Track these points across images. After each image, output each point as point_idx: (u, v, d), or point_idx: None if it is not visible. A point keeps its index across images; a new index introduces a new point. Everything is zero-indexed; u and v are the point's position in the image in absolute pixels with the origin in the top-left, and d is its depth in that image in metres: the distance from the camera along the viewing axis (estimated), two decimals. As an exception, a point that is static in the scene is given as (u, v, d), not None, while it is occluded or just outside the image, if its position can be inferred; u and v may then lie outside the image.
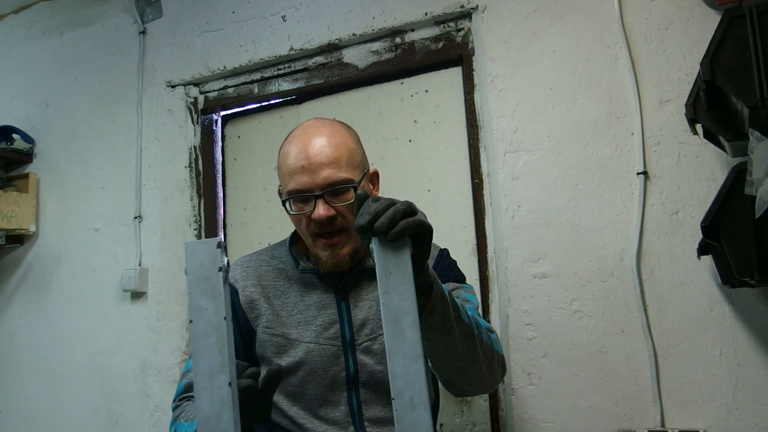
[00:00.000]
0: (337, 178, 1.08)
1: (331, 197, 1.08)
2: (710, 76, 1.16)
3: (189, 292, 0.77)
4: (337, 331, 1.13)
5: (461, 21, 1.76)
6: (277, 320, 1.14)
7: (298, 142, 1.11)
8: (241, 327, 1.16)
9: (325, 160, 1.08)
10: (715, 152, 1.40)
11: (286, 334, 1.13)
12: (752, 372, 1.35)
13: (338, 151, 1.09)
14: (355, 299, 1.17)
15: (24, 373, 2.30)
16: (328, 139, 1.10)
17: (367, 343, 1.14)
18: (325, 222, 1.08)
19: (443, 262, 1.26)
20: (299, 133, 1.14)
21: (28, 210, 2.28)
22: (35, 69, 2.43)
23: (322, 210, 1.07)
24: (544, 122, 1.59)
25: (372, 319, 1.15)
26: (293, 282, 1.18)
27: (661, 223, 1.45)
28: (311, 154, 1.08)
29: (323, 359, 1.12)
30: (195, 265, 0.77)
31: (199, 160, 2.13)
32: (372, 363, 1.13)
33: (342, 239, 1.12)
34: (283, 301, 1.16)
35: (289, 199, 1.10)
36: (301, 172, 1.08)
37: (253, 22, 2.02)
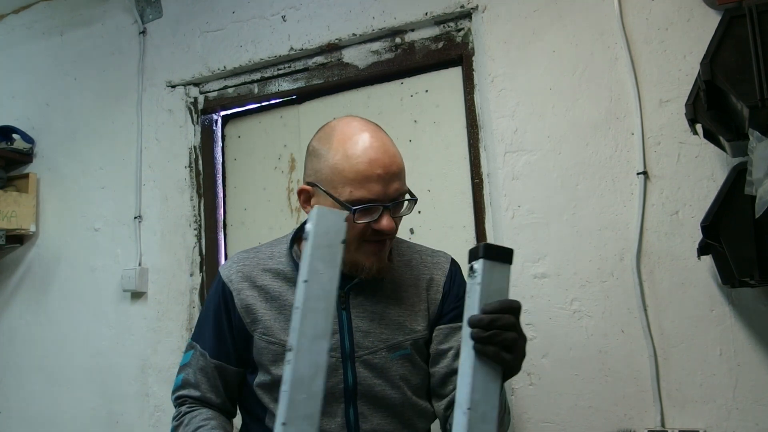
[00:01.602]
0: (403, 191, 1.07)
1: (394, 209, 1.06)
2: (710, 76, 1.16)
3: (309, 254, 0.77)
4: (337, 342, 1.10)
5: (461, 21, 1.76)
6: (275, 326, 1.11)
7: (362, 145, 1.03)
8: (234, 331, 1.14)
9: (397, 171, 1.05)
10: (715, 152, 1.40)
11: (283, 341, 1.09)
12: (752, 372, 1.35)
13: (402, 162, 1.08)
14: (357, 309, 1.12)
15: (24, 373, 2.29)
16: (393, 147, 1.07)
17: (368, 356, 1.10)
18: (389, 234, 1.06)
19: (456, 286, 1.20)
20: (355, 133, 1.05)
21: (28, 210, 2.28)
22: (35, 69, 2.43)
23: (389, 222, 1.04)
24: (544, 122, 1.59)
25: (374, 332, 1.11)
26: (292, 285, 1.13)
27: (661, 223, 1.45)
28: (386, 162, 1.03)
29: None
30: (320, 231, 0.78)
31: (199, 160, 2.13)
32: (371, 376, 1.10)
33: (387, 245, 1.10)
34: (281, 304, 1.12)
35: (357, 210, 1.02)
36: (376, 181, 1.02)
37: (253, 22, 2.02)
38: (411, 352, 1.13)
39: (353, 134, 1.05)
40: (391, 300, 1.14)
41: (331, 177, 1.04)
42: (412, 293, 1.16)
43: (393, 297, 1.14)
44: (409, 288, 1.16)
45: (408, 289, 1.16)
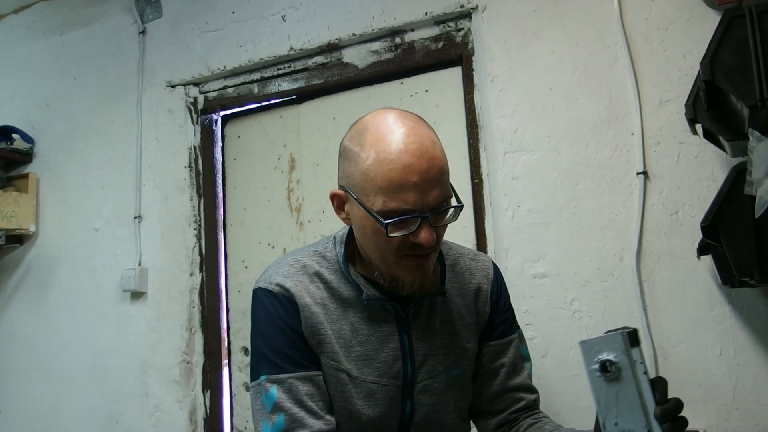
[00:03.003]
0: (445, 198, 0.91)
1: (434, 218, 0.91)
2: (710, 76, 1.16)
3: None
4: (400, 369, 1.00)
5: (461, 21, 1.76)
6: (337, 351, 0.99)
7: (396, 147, 0.88)
8: (307, 342, 1.00)
9: (437, 176, 0.89)
10: (715, 152, 1.40)
11: (347, 369, 0.98)
12: (752, 372, 1.35)
13: (444, 164, 0.92)
14: (417, 331, 1.02)
15: (24, 373, 2.30)
16: (433, 148, 0.90)
17: (427, 381, 1.02)
18: (428, 247, 0.92)
19: (503, 295, 1.12)
20: (389, 132, 0.90)
21: (28, 210, 2.28)
22: (35, 69, 2.43)
23: (428, 234, 0.89)
24: (544, 122, 1.59)
25: (434, 354, 1.02)
26: (348, 306, 1.01)
27: (661, 223, 1.45)
28: (423, 168, 0.87)
29: (386, 402, 0.99)
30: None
31: (199, 160, 2.13)
32: (429, 403, 1.02)
33: (431, 258, 0.96)
34: (340, 327, 1.00)
35: (390, 223, 0.88)
36: (412, 190, 0.87)
37: (253, 22, 2.02)
38: (462, 372, 1.06)
39: (386, 133, 0.90)
40: (444, 315, 1.05)
41: (363, 184, 0.91)
42: (460, 304, 1.07)
43: (444, 311, 1.05)
44: (455, 298, 1.07)
45: (455, 299, 1.07)
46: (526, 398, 1.08)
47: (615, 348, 0.74)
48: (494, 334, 1.10)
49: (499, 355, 1.09)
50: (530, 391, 1.10)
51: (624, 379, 0.74)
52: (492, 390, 1.08)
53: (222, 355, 2.10)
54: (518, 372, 1.10)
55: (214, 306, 2.11)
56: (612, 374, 0.74)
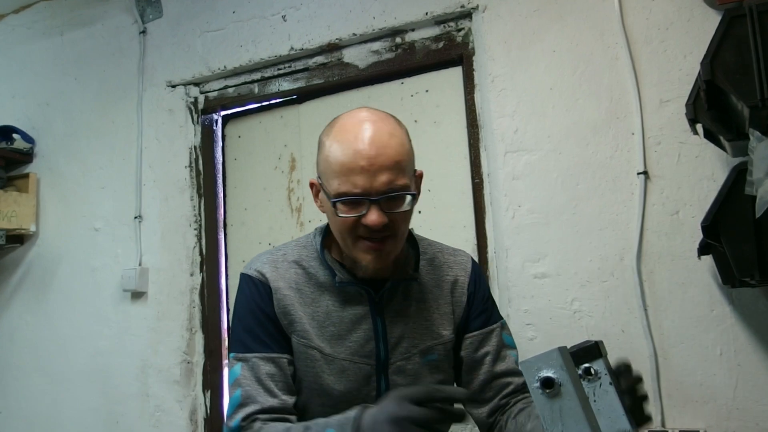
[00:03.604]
0: (396, 185, 0.98)
1: (385, 203, 0.98)
2: (711, 75, 1.16)
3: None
4: (373, 350, 1.06)
5: (461, 21, 1.76)
6: (310, 331, 1.06)
7: (353, 136, 0.97)
8: (279, 325, 1.07)
9: (387, 163, 0.96)
10: (716, 152, 1.40)
11: (320, 347, 1.05)
12: (752, 372, 1.35)
13: (399, 154, 0.99)
14: (391, 315, 1.08)
15: (24, 373, 2.29)
16: (389, 138, 0.98)
17: (401, 362, 1.07)
18: (378, 229, 0.98)
19: (481, 288, 1.17)
20: (353, 125, 1.00)
21: (28, 210, 2.28)
22: (35, 69, 2.43)
23: (377, 217, 0.97)
24: (545, 122, 1.59)
25: (407, 337, 1.08)
26: (325, 290, 1.08)
27: (662, 223, 1.45)
28: (372, 153, 0.95)
29: (357, 380, 1.05)
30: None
31: (200, 159, 2.13)
32: (404, 383, 1.06)
33: (389, 245, 1.02)
34: (314, 309, 1.07)
35: (337, 201, 0.98)
36: (359, 173, 0.95)
37: (254, 21, 2.02)
38: (438, 357, 1.10)
39: (349, 126, 1.00)
40: (419, 302, 1.11)
41: (325, 169, 1.01)
42: (437, 294, 1.13)
43: (420, 299, 1.11)
44: (433, 289, 1.13)
45: (432, 290, 1.13)
46: (514, 382, 1.10)
47: (552, 364, 0.76)
48: (475, 325, 1.14)
49: (482, 344, 1.13)
50: (517, 375, 1.12)
51: (565, 394, 0.75)
52: (480, 379, 1.11)
53: (222, 355, 2.10)
54: (503, 359, 1.13)
55: (215, 306, 2.10)
56: (553, 390, 0.75)
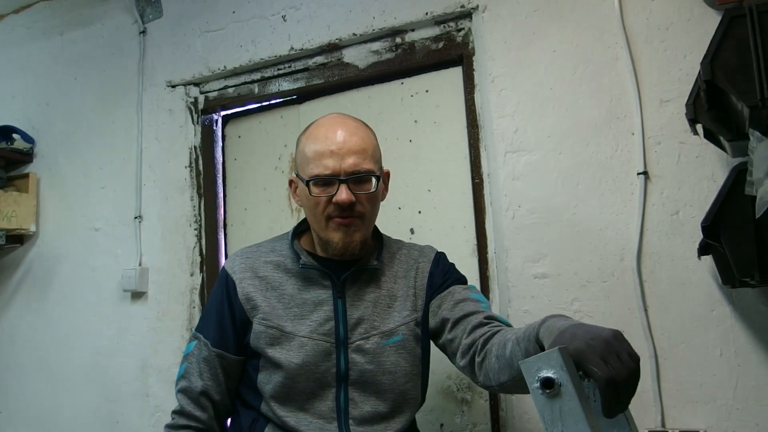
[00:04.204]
0: (362, 167, 1.13)
1: (353, 184, 1.12)
2: (711, 75, 1.16)
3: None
4: (332, 328, 1.15)
5: (461, 21, 1.76)
6: (274, 312, 1.17)
7: (324, 130, 1.15)
8: (236, 319, 1.20)
9: (354, 148, 1.12)
10: (716, 152, 1.40)
11: (281, 326, 1.16)
12: (753, 372, 1.35)
13: (365, 143, 1.15)
14: (353, 298, 1.19)
15: (24, 373, 2.29)
16: (356, 131, 1.15)
17: (360, 341, 1.16)
18: (346, 207, 1.12)
19: (442, 265, 1.28)
20: (325, 122, 1.18)
21: (28, 210, 2.28)
22: (35, 69, 2.43)
23: (345, 194, 1.10)
24: (545, 122, 1.59)
25: (367, 319, 1.17)
26: (291, 275, 1.20)
27: (662, 223, 1.45)
28: (339, 140, 1.12)
29: (316, 354, 1.14)
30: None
31: (200, 159, 2.13)
32: (363, 362, 1.15)
33: (356, 223, 1.15)
34: (280, 293, 1.19)
35: (311, 181, 1.12)
36: (329, 156, 1.11)
37: (254, 22, 2.02)
38: (403, 338, 1.18)
39: (322, 123, 1.18)
40: (384, 290, 1.22)
41: (301, 160, 1.17)
42: (402, 284, 1.23)
43: (385, 287, 1.22)
44: (399, 279, 1.24)
45: (398, 280, 1.24)
46: (473, 320, 1.13)
47: (552, 364, 0.75)
48: (437, 292, 1.23)
49: (443, 302, 1.20)
50: (478, 312, 1.15)
51: (565, 394, 0.75)
52: (456, 328, 1.15)
53: (222, 355, 2.10)
54: (467, 303, 1.18)
55: (215, 306, 2.10)
56: (553, 391, 0.75)
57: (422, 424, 1.71)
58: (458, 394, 1.69)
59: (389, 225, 1.83)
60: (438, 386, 1.71)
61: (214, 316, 1.22)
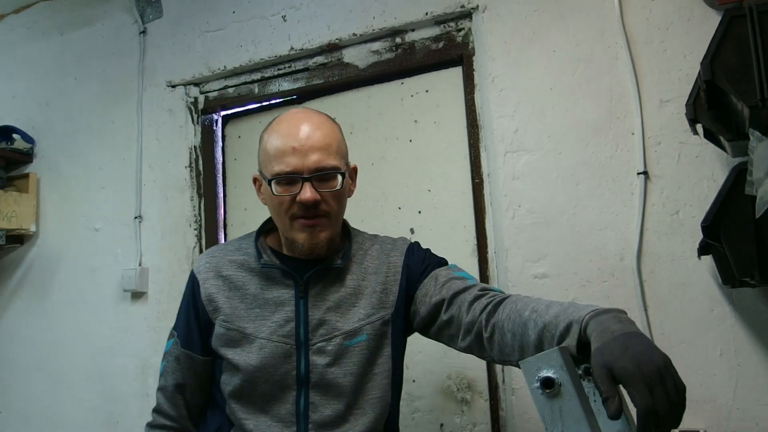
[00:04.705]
0: (326, 164, 1.08)
1: (317, 182, 1.08)
2: (711, 75, 1.16)
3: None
4: (292, 330, 1.12)
5: (461, 21, 1.76)
6: (235, 313, 1.15)
7: (286, 125, 1.11)
8: (200, 320, 1.19)
9: (317, 144, 1.08)
10: (716, 152, 1.40)
11: (242, 328, 1.14)
12: (753, 372, 1.35)
13: (328, 138, 1.10)
14: (315, 298, 1.14)
15: (24, 373, 2.29)
16: (319, 126, 1.10)
17: (321, 343, 1.12)
18: (311, 205, 1.08)
19: (417, 255, 1.22)
20: (287, 117, 1.13)
21: (28, 210, 2.28)
22: (35, 69, 2.43)
23: (309, 193, 1.07)
24: (545, 122, 1.59)
25: (329, 320, 1.13)
26: (254, 275, 1.17)
27: (662, 223, 1.45)
28: (302, 136, 1.08)
29: (275, 357, 1.11)
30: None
31: (200, 160, 2.13)
32: (324, 364, 1.11)
33: (322, 222, 1.11)
34: (243, 293, 1.16)
35: (273, 180, 1.08)
36: (291, 154, 1.07)
37: (254, 22, 2.02)
38: (368, 337, 1.13)
39: (284, 119, 1.13)
40: (349, 289, 1.16)
41: (263, 159, 1.13)
42: (372, 281, 1.18)
43: (352, 286, 1.16)
44: (369, 276, 1.18)
45: (368, 277, 1.18)
46: (467, 296, 1.09)
47: (552, 364, 0.76)
48: (419, 281, 1.17)
49: (428, 286, 1.15)
50: (474, 287, 1.10)
51: (565, 394, 0.75)
52: (451, 307, 1.10)
53: (222, 355, 2.10)
54: (453, 281, 1.13)
55: (215, 306, 2.10)
56: (553, 390, 0.75)
57: (422, 423, 1.71)
58: (458, 394, 1.69)
59: (389, 225, 1.83)
60: (438, 386, 1.71)
61: (183, 316, 1.22)
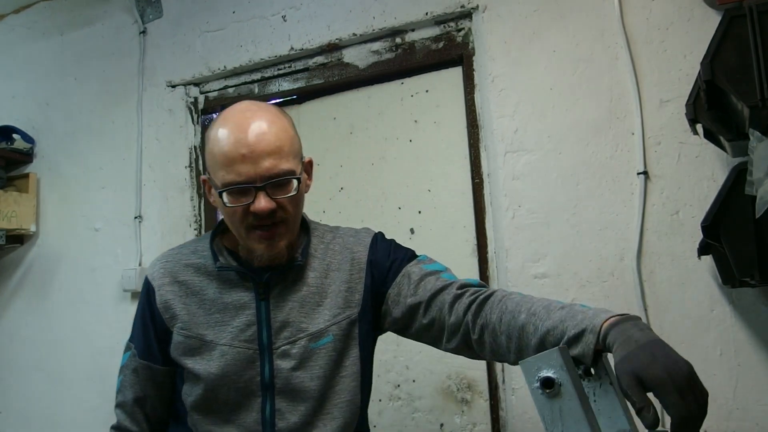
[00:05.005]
0: (280, 170, 0.99)
1: (272, 189, 1.00)
2: (711, 75, 1.16)
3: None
4: (254, 334, 1.06)
5: (461, 21, 1.76)
6: (193, 320, 1.09)
7: (233, 126, 1.00)
8: (157, 329, 1.12)
9: (268, 149, 0.98)
10: (716, 152, 1.40)
11: (201, 335, 1.08)
12: (753, 372, 1.35)
13: (280, 140, 1.00)
14: (277, 299, 1.09)
15: (24, 373, 2.29)
16: (269, 126, 1.00)
17: (286, 346, 1.06)
18: (266, 215, 1.00)
19: (381, 249, 1.15)
20: (234, 116, 1.02)
21: (28, 210, 2.28)
22: (35, 69, 2.43)
23: (264, 203, 0.99)
24: (545, 122, 1.59)
25: (293, 321, 1.07)
26: (212, 279, 1.10)
27: (662, 223, 1.45)
28: (251, 141, 0.98)
29: (237, 363, 1.05)
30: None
31: (200, 159, 2.13)
32: (288, 368, 1.06)
33: (280, 231, 1.04)
34: (201, 298, 1.10)
35: (224, 191, 1.00)
36: (241, 162, 0.97)
37: (254, 22, 2.02)
38: (334, 338, 1.08)
39: (230, 118, 1.02)
40: (313, 287, 1.10)
41: (211, 163, 1.03)
42: (336, 278, 1.12)
43: (315, 285, 1.11)
44: (332, 273, 1.12)
45: (331, 274, 1.12)
46: (445, 287, 1.05)
47: (552, 364, 0.75)
48: (389, 281, 1.11)
49: (401, 285, 1.09)
50: (452, 285, 1.06)
51: (565, 394, 0.75)
52: (430, 311, 1.06)
53: (222, 355, 2.10)
54: (427, 279, 1.08)
55: (215, 306, 2.10)
56: (553, 390, 0.75)
57: (422, 423, 1.71)
58: (458, 394, 1.69)
59: (389, 225, 1.83)
60: (438, 386, 1.71)
61: (139, 326, 1.15)
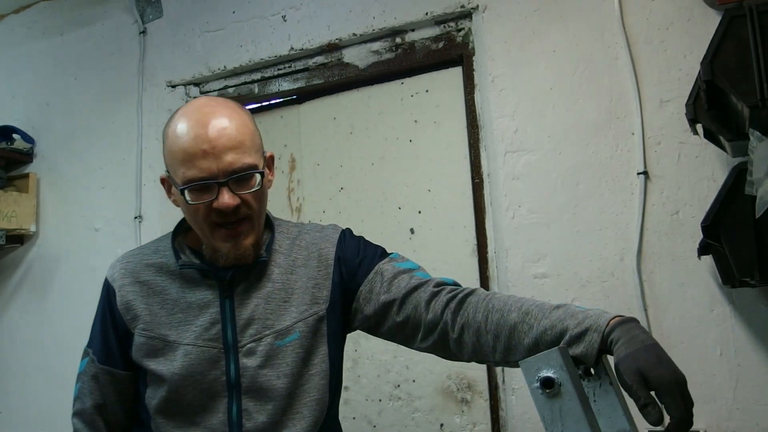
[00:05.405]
0: (242, 164, 0.98)
1: (235, 184, 0.98)
2: (711, 75, 1.16)
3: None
4: (219, 332, 1.04)
5: (461, 21, 1.76)
6: (155, 321, 1.06)
7: (193, 122, 0.98)
8: (118, 331, 1.09)
9: (229, 144, 0.97)
10: (716, 152, 1.40)
11: (164, 336, 1.05)
12: (753, 372, 1.35)
13: (241, 134, 0.99)
14: (241, 297, 1.06)
15: (24, 373, 2.29)
16: (229, 121, 0.99)
17: (251, 344, 1.04)
18: (230, 212, 0.98)
19: (350, 246, 1.13)
20: (192, 112, 1.00)
21: (28, 210, 2.28)
22: (35, 69, 2.43)
23: (228, 199, 0.97)
24: (545, 122, 1.59)
25: (258, 318, 1.05)
26: (174, 278, 1.08)
27: (662, 223, 1.45)
28: (212, 136, 0.96)
29: (201, 363, 1.03)
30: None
31: (200, 160, 2.13)
32: (254, 366, 1.03)
33: (245, 228, 1.02)
34: (163, 298, 1.07)
35: (186, 188, 0.98)
36: (202, 157, 0.96)
37: (254, 22, 2.02)
38: (301, 336, 1.05)
39: (189, 114, 1.01)
40: (278, 283, 1.08)
41: (170, 161, 1.02)
42: (302, 274, 1.09)
43: (281, 281, 1.08)
44: (298, 269, 1.10)
45: (297, 270, 1.10)
46: (420, 285, 1.04)
47: (552, 364, 0.76)
48: (359, 278, 1.09)
49: (374, 283, 1.07)
50: (427, 283, 1.04)
51: (565, 394, 0.75)
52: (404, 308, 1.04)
53: (222, 355, 2.10)
54: (401, 278, 1.06)
55: (215, 306, 2.10)
56: (553, 390, 0.75)
57: (422, 423, 1.71)
58: (458, 394, 1.69)
59: (389, 225, 1.83)
60: (438, 386, 1.71)
61: (99, 330, 1.13)
